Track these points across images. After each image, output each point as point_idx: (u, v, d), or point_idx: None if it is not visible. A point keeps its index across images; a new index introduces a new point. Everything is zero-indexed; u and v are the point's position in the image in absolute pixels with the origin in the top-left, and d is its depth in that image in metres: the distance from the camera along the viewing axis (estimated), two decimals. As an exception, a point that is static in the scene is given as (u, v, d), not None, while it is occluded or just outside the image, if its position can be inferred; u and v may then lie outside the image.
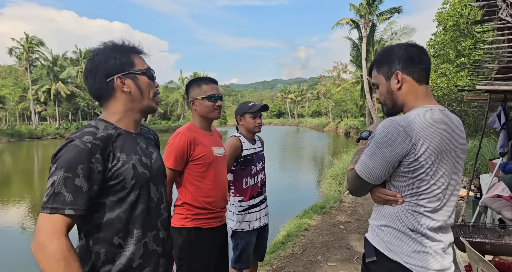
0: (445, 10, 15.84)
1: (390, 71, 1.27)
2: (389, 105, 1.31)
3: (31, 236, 7.00)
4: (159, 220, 1.19)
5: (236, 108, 2.50)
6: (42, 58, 42.59)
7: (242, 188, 2.37)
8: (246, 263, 2.40)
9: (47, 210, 0.96)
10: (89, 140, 1.02)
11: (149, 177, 1.16)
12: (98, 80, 1.14)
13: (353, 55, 26.75)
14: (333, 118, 45.94)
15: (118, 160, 1.08)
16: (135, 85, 1.16)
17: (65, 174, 0.97)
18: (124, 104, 1.16)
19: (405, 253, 1.18)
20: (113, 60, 1.13)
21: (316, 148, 24.00)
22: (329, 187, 8.45)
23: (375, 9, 23.56)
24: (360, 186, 1.25)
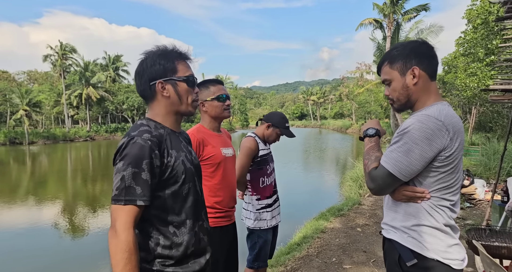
0: (474, 7, 15.19)
1: (406, 66, 1.26)
2: (403, 101, 1.29)
3: (63, 233, 7.42)
4: (203, 212, 1.31)
5: (272, 114, 2.51)
6: (75, 64, 44.85)
7: (259, 187, 2.42)
8: (264, 261, 2.43)
9: (121, 202, 1.08)
10: (148, 138, 1.13)
11: (194, 172, 1.27)
12: (143, 82, 1.24)
13: (377, 56, 26.12)
14: (357, 120, 45.02)
15: (171, 156, 1.18)
16: (174, 91, 1.23)
17: (133, 169, 1.09)
18: (165, 107, 1.25)
19: (441, 249, 1.18)
20: (157, 65, 1.22)
21: (338, 150, 23.62)
22: (349, 190, 8.33)
23: (400, 8, 22.91)
24: (390, 184, 1.21)
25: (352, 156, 16.58)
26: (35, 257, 5.94)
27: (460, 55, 16.70)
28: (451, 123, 1.15)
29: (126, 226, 1.07)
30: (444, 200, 1.19)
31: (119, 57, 51.56)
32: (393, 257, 1.27)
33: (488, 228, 2.45)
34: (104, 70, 49.35)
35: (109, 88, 46.40)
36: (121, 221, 1.07)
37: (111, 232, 1.08)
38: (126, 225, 1.07)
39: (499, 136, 14.15)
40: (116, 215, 1.08)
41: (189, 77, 1.26)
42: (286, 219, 6.09)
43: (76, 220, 8.29)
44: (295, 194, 9.78)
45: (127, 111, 45.36)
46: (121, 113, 47.50)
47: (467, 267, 3.55)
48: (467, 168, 7.61)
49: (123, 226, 1.07)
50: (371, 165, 1.27)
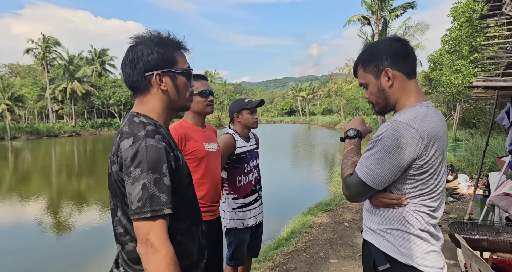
0: (460, 5, 15.48)
1: (379, 69, 1.20)
2: (382, 104, 1.24)
3: (46, 230, 7.27)
4: (199, 213, 1.23)
5: (231, 106, 2.50)
6: (59, 57, 43.70)
7: (235, 185, 2.40)
8: (241, 260, 2.43)
9: (147, 213, 0.94)
10: (161, 139, 1.01)
11: (190, 172, 1.17)
12: (137, 73, 1.09)
13: (365, 52, 26.34)
14: (345, 116, 45.50)
15: (178, 158, 1.07)
16: (173, 85, 1.11)
17: (154, 175, 0.96)
18: (161, 102, 1.12)
19: (417, 255, 1.15)
20: (156, 54, 1.07)
21: (327, 145, 23.84)
22: (337, 185, 8.42)
23: (387, 5, 23.15)
24: (363, 192, 1.18)
25: (340, 152, 16.77)
26: (18, 257, 5.80)
27: (446, 52, 17.02)
28: (425, 130, 1.09)
29: (163, 238, 0.95)
30: (423, 206, 1.16)
31: (106, 51, 50.47)
32: (368, 261, 1.25)
33: (470, 221, 2.52)
34: (90, 64, 48.26)
35: (95, 83, 45.42)
36: (156, 234, 0.95)
37: (146, 248, 0.94)
38: (163, 237, 0.95)
39: (481, 132, 14.54)
40: (147, 229, 0.95)
41: (188, 69, 1.15)
42: (275, 214, 6.15)
43: (61, 218, 8.13)
44: (284, 189, 9.84)
45: (113, 106, 44.55)
46: (108, 109, 46.63)
47: (449, 260, 3.65)
48: (451, 164, 7.80)
49: (160, 240, 0.95)
50: (347, 171, 1.22)
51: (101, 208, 8.62)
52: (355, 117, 1.44)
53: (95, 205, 9.15)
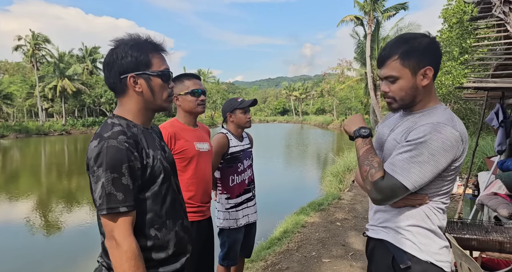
0: (450, 7, 15.67)
1: (419, 65, 1.15)
2: (406, 101, 1.20)
3: (35, 230, 7.14)
4: (182, 210, 1.27)
5: (223, 105, 2.49)
6: (49, 55, 43.01)
7: (228, 185, 2.39)
8: (234, 260, 2.42)
9: (104, 211, 1.02)
10: (124, 140, 1.06)
11: (170, 170, 1.22)
12: (113, 75, 1.14)
13: (358, 53, 26.57)
14: (338, 116, 45.78)
15: (148, 156, 1.12)
16: (147, 86, 1.15)
17: (112, 175, 1.02)
18: (136, 103, 1.17)
19: (434, 251, 1.16)
20: (129, 58, 1.12)
21: (319, 145, 23.96)
22: (329, 185, 8.46)
23: (380, 5, 23.34)
24: (399, 196, 1.14)
25: (333, 152, 16.87)
26: (6, 257, 5.69)
27: (437, 53, 17.17)
28: (464, 133, 1.12)
29: (125, 234, 1.03)
30: (441, 203, 1.19)
31: (97, 49, 49.83)
32: (384, 260, 1.21)
33: (460, 221, 2.55)
34: (81, 62, 47.63)
35: (86, 81, 44.83)
36: (119, 231, 1.03)
37: (110, 243, 1.03)
38: (125, 233, 1.03)
39: (471, 132, 14.76)
40: (111, 225, 1.03)
41: (164, 71, 1.17)
42: (267, 214, 6.15)
43: (50, 217, 8.00)
44: (277, 188, 9.84)
45: (105, 105, 44.05)
46: (99, 107, 46.09)
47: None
48: (441, 163, 7.85)
49: (122, 236, 1.02)
50: (377, 173, 1.14)
51: (91, 207, 8.51)
52: (355, 114, 1.39)
53: (85, 204, 9.03)
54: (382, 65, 1.21)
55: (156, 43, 1.18)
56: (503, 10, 2.65)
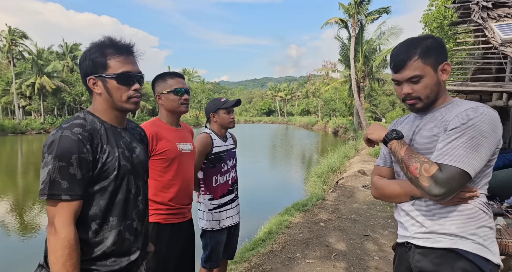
0: (430, 12, 16.13)
1: (438, 61, 1.19)
2: (432, 98, 1.21)
3: (11, 232, 6.85)
4: (134, 211, 1.25)
5: (207, 105, 2.46)
6: (27, 51, 41.48)
7: (211, 186, 2.35)
8: (216, 262, 2.39)
9: (44, 196, 1.05)
10: (79, 132, 1.10)
11: (130, 170, 1.23)
12: (82, 76, 1.24)
13: (342, 55, 26.95)
14: (322, 117, 46.28)
15: (104, 152, 1.16)
16: (105, 89, 1.20)
17: (60, 163, 1.06)
18: (101, 103, 1.23)
19: (496, 250, 1.13)
20: (87, 61, 1.19)
21: (304, 146, 24.15)
22: (314, 185, 8.52)
23: (364, 9, 23.75)
24: (462, 185, 1.07)
25: (317, 152, 17.02)
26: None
27: (418, 57, 17.65)
28: None
29: (66, 222, 1.06)
30: (485, 196, 1.14)
31: (78, 45, 48.41)
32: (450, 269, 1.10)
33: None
34: (61, 59, 46.19)
35: (66, 79, 43.48)
36: (60, 217, 1.05)
37: (50, 228, 1.06)
38: (66, 221, 1.06)
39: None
40: (53, 212, 1.06)
41: (121, 74, 1.19)
42: (251, 215, 6.12)
43: (26, 218, 7.70)
44: (261, 189, 9.83)
45: (86, 103, 42.86)
46: (80, 105, 44.83)
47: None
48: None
49: (63, 223, 1.05)
50: (432, 167, 1.08)
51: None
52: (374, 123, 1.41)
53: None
54: (402, 68, 1.21)
55: (119, 45, 1.21)
56: (481, 15, 2.73)
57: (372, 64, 25.05)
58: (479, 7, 2.87)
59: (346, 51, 25.98)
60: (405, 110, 32.76)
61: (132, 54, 1.25)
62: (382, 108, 42.06)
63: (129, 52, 1.23)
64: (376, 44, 25.34)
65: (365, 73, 25.23)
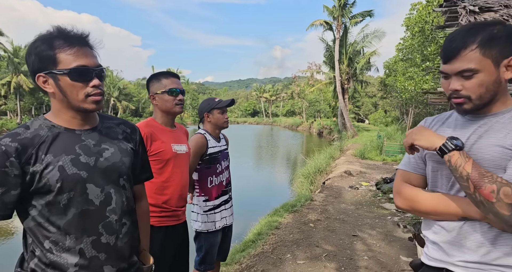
0: (412, 16, 16.59)
1: (503, 54, 0.96)
2: (485, 100, 0.99)
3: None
4: (101, 224, 1.09)
5: (200, 105, 2.43)
6: (2, 49, 39.88)
7: (207, 187, 2.33)
8: (211, 264, 2.36)
9: None
10: (5, 143, 0.99)
11: (86, 178, 1.07)
12: (30, 74, 1.06)
13: (327, 57, 27.32)
14: (307, 118, 46.72)
15: (40, 162, 1.02)
16: (57, 87, 1.05)
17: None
18: (55, 104, 1.09)
19: None
20: (33, 55, 1.03)
21: (290, 147, 24.30)
22: (301, 186, 8.57)
23: (347, 12, 24.16)
24: None
25: (302, 153, 17.14)
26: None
27: (400, 60, 18.14)
28: None
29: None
30: None
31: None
32: None
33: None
34: (39, 57, 44.54)
35: (45, 78, 42.03)
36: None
37: None
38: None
39: (431, 135, 15.65)
40: None
41: (74, 69, 1.02)
42: (241, 216, 6.07)
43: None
44: (249, 190, 9.80)
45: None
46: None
47: (407, 257, 3.84)
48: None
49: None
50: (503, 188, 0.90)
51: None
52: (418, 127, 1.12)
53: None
54: (453, 58, 0.99)
55: (70, 35, 1.04)
56: (469, 19, 2.82)
57: (356, 66, 25.50)
58: (466, 11, 2.96)
59: (330, 53, 26.35)
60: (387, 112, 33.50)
61: (88, 45, 1.07)
62: (365, 110, 42.86)
63: (83, 43, 1.06)
64: (359, 47, 25.82)
65: (349, 75, 25.65)
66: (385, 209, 5.90)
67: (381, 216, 5.51)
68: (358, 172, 9.35)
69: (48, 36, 1.03)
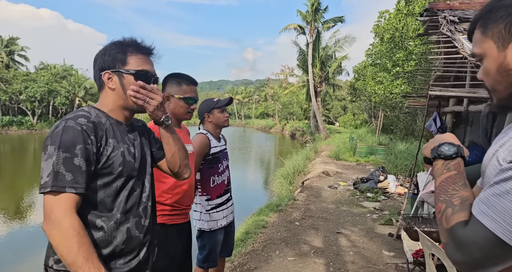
0: (380, 23, 17.41)
1: (509, 31, 0.70)
2: (502, 93, 0.75)
3: None
4: (141, 208, 1.22)
5: (200, 107, 2.44)
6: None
7: (209, 186, 2.35)
8: (214, 262, 2.39)
9: (48, 188, 0.98)
10: (84, 122, 1.06)
11: (135, 167, 1.19)
12: (95, 71, 1.21)
13: (300, 60, 27.90)
14: (280, 120, 47.32)
15: (109, 145, 1.12)
16: (120, 84, 1.17)
17: (64, 154, 1.00)
18: (111, 99, 1.20)
19: None
20: (107, 55, 1.17)
21: (264, 148, 24.49)
22: (280, 186, 8.70)
23: (320, 17, 24.87)
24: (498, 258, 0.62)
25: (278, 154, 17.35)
26: None
27: (369, 65, 18.95)
28: None
29: (67, 213, 0.99)
30: None
31: (15, 39, 43.86)
32: None
33: (420, 216, 2.83)
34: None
35: (2, 75, 39.23)
36: (59, 209, 0.99)
37: (47, 224, 0.99)
38: (67, 212, 0.99)
39: (398, 137, 16.51)
40: (51, 205, 0.99)
41: (140, 71, 1.18)
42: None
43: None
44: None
45: (25, 102, 39.04)
46: (18, 105, 40.69)
47: (389, 252, 4.05)
48: (382, 166, 8.68)
49: (63, 213, 0.98)
50: (455, 215, 0.68)
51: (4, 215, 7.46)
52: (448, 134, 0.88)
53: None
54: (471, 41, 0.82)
55: (140, 45, 1.21)
56: (449, 28, 3.06)
57: (328, 70, 26.27)
58: (447, 21, 3.22)
59: (303, 57, 26.95)
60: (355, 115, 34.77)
61: (152, 56, 1.25)
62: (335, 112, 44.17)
63: (150, 54, 1.24)
64: (331, 51, 26.63)
65: (321, 79, 26.36)
66: (364, 207, 6.17)
67: (361, 213, 5.75)
68: (335, 172, 9.66)
69: (123, 43, 1.20)
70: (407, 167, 8.92)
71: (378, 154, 12.63)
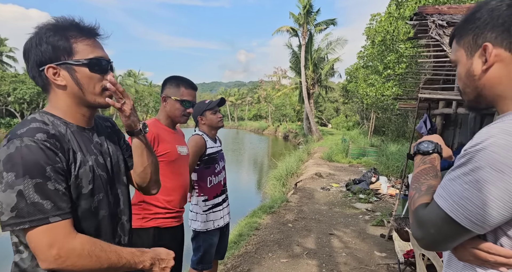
0: (372, 26, 17.63)
1: (475, 42, 0.78)
2: (470, 95, 0.83)
3: None
4: (118, 226, 1.08)
5: (194, 110, 2.45)
6: None
7: (206, 187, 2.37)
8: (209, 263, 2.39)
9: (25, 224, 0.82)
10: (44, 138, 0.86)
11: (107, 179, 1.03)
12: (31, 67, 0.96)
13: (293, 62, 28.04)
14: (273, 122, 47.41)
15: (75, 160, 0.93)
16: (72, 79, 0.95)
17: (34, 180, 0.82)
18: (64, 100, 0.97)
19: None
20: (45, 45, 0.92)
21: (257, 150, 24.49)
22: (273, 188, 8.71)
23: (312, 19, 25.04)
24: (449, 235, 0.72)
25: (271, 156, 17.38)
26: None
27: (361, 67, 19.14)
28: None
29: (69, 236, 0.86)
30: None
31: (3, 40, 43.24)
32: None
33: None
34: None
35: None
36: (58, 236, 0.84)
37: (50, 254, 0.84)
38: (68, 236, 0.86)
39: (390, 139, 16.70)
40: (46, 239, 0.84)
41: (93, 60, 0.96)
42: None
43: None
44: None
45: (14, 104, 38.40)
46: (6, 107, 40.00)
47: (380, 252, 4.09)
48: (374, 167, 8.77)
49: (66, 238, 0.85)
50: (419, 199, 0.79)
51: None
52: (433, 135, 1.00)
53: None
54: None
55: (83, 26, 0.97)
56: (438, 32, 3.13)
57: (321, 72, 26.45)
58: (436, 25, 3.29)
59: (296, 59, 27.09)
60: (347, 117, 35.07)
61: (98, 37, 1.02)
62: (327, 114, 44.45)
63: (96, 35, 1.00)
64: (324, 53, 26.83)
65: (314, 81, 26.53)
66: (356, 208, 6.22)
67: (353, 215, 5.80)
68: (328, 174, 9.71)
69: (60, 26, 0.94)
70: (399, 168, 9.03)
71: (370, 156, 12.75)
